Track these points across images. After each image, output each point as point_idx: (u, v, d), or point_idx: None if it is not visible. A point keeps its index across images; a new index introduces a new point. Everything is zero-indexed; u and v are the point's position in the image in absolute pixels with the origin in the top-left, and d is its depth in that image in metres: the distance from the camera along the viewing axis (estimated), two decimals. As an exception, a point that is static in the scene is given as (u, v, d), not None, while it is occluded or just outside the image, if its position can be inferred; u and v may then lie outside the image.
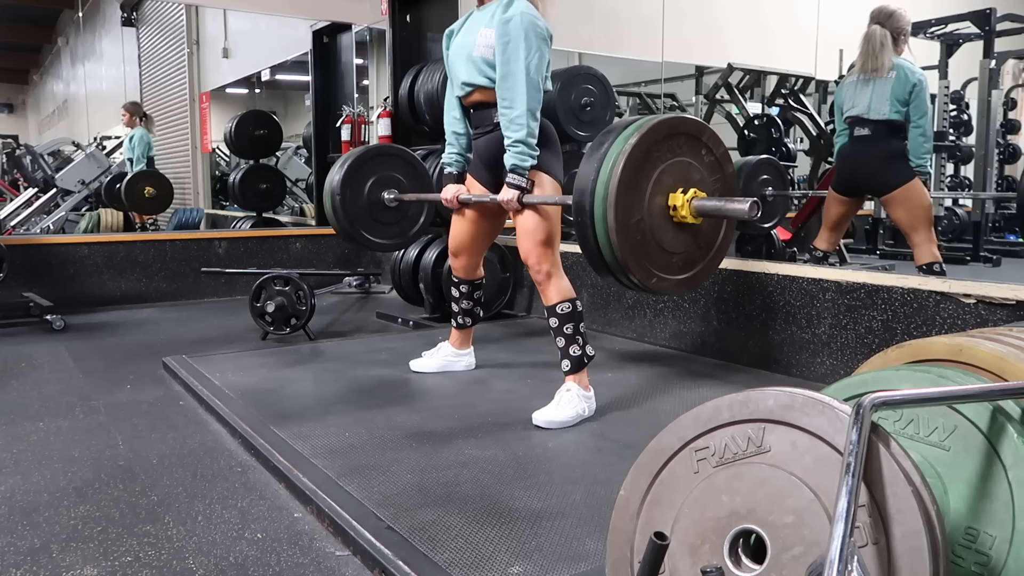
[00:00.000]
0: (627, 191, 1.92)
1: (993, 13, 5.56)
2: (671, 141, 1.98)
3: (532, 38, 2.41)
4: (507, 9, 2.47)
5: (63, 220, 7.15)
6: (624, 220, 1.93)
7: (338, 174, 3.09)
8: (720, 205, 1.93)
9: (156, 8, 10.22)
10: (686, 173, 2.02)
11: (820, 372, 2.95)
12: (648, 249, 1.98)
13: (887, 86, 3.50)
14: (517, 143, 2.44)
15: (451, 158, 2.80)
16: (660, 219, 2.00)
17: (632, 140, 1.91)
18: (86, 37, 12.45)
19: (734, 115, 6.19)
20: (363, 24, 5.47)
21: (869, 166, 3.61)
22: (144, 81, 10.82)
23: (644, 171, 1.94)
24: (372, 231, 3.19)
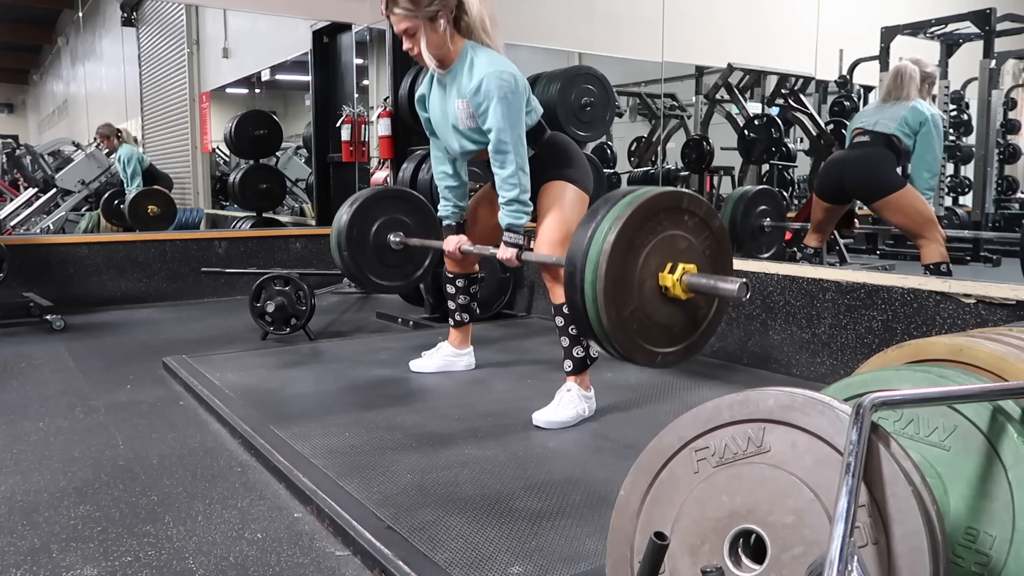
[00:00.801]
0: (615, 287, 1.91)
1: (993, 13, 5.56)
2: (650, 223, 1.96)
3: (506, 94, 2.38)
4: (471, 75, 2.45)
5: (63, 220, 7.15)
6: (618, 315, 1.93)
7: (344, 217, 3.12)
8: (711, 284, 1.91)
9: (156, 8, 10.22)
10: (672, 246, 1.99)
11: (820, 372, 2.95)
12: (647, 332, 1.97)
13: (900, 110, 3.61)
14: (511, 202, 2.46)
15: (447, 211, 2.80)
16: (654, 301, 1.99)
17: (612, 237, 1.89)
18: (86, 37, 12.45)
19: (734, 115, 6.20)
20: (363, 24, 5.47)
21: (856, 170, 3.64)
22: (144, 81, 10.82)
23: (630, 261, 1.93)
24: (378, 274, 3.21)
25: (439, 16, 2.41)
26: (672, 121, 7.50)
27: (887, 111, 3.66)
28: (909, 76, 3.64)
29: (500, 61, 2.44)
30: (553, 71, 4.27)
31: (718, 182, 7.42)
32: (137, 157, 7.03)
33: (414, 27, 2.42)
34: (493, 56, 2.46)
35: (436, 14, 2.41)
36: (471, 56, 2.46)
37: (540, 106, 2.58)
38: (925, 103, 3.64)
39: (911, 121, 3.57)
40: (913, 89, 3.62)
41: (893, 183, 3.53)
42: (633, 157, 7.62)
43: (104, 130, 7.05)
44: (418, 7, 2.39)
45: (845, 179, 3.71)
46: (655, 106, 7.36)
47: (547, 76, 4.25)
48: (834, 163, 3.85)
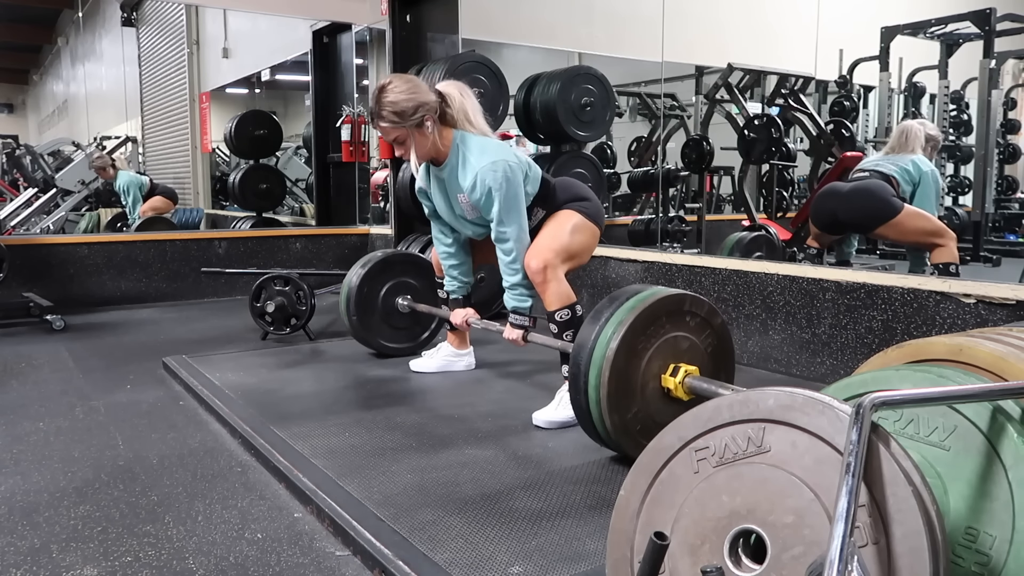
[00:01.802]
0: (618, 394, 1.95)
1: (993, 13, 5.56)
2: (653, 327, 1.99)
3: (499, 186, 2.42)
4: (464, 172, 2.49)
5: (63, 220, 7.14)
6: (621, 420, 1.97)
7: (356, 276, 3.19)
8: (712, 389, 1.94)
9: (156, 8, 10.22)
10: (674, 347, 2.03)
11: (820, 372, 2.95)
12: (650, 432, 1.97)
13: (901, 160, 3.75)
14: (515, 286, 2.53)
15: (453, 287, 2.85)
16: (656, 402, 2.03)
17: (614, 345, 1.93)
18: (86, 37, 12.45)
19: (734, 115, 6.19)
20: (363, 24, 5.46)
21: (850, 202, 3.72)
22: (144, 81, 10.81)
23: (632, 366, 1.97)
24: (386, 338, 3.28)
25: (425, 120, 2.46)
26: (672, 121, 7.50)
27: (889, 159, 3.80)
28: (914, 135, 3.80)
29: (490, 150, 2.48)
30: (553, 71, 4.27)
31: (718, 182, 7.42)
32: (137, 183, 6.99)
33: (403, 136, 2.48)
34: (483, 145, 2.50)
35: (422, 120, 2.45)
36: (462, 151, 2.50)
37: (538, 169, 2.60)
38: (926, 159, 3.79)
39: (912, 171, 3.71)
40: (918, 146, 3.78)
41: (890, 208, 3.58)
42: (633, 157, 7.62)
43: (98, 163, 6.97)
44: (404, 118, 2.44)
45: (839, 211, 3.79)
46: (655, 106, 7.35)
47: (547, 76, 4.25)
48: (828, 194, 3.90)
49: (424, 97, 2.46)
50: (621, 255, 3.77)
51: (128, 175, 7.01)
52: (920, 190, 3.69)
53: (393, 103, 2.43)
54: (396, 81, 2.47)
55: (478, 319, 2.81)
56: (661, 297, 2.02)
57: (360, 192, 5.77)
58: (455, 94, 2.52)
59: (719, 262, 3.33)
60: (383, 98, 2.45)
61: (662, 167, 7.07)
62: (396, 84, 2.46)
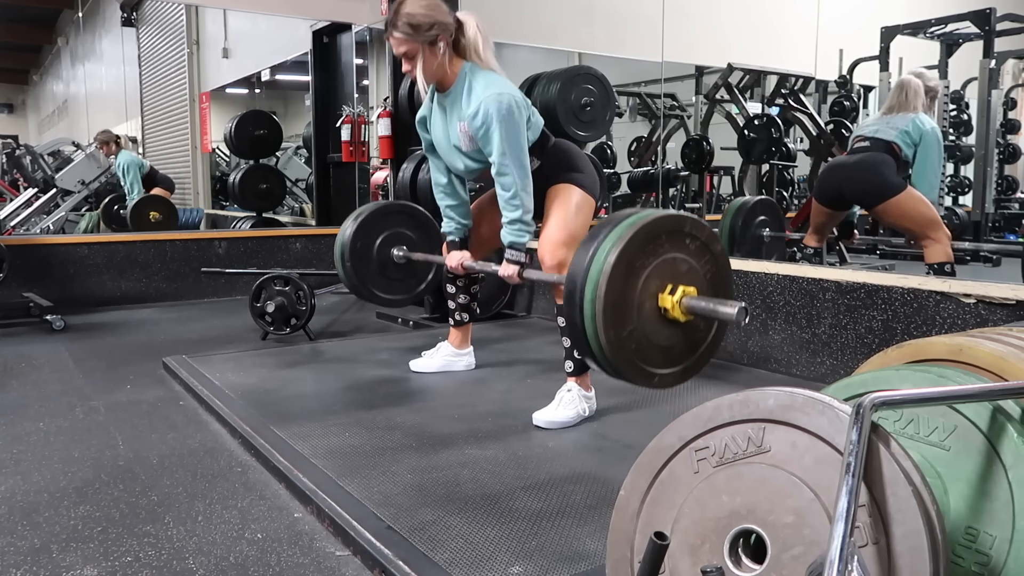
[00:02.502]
0: (614, 308, 1.91)
1: (993, 13, 5.56)
2: (653, 244, 1.96)
3: (503, 118, 2.39)
4: (469, 99, 2.46)
5: (63, 220, 7.14)
6: (617, 336, 1.92)
7: (349, 229, 3.13)
8: (710, 308, 1.91)
9: (156, 8, 10.22)
10: (673, 268, 1.99)
11: (820, 372, 2.95)
12: (645, 352, 1.97)
13: (901, 122, 3.65)
14: (514, 221, 2.47)
15: (451, 227, 2.81)
16: (653, 322, 1.98)
17: (612, 257, 1.89)
18: (86, 37, 12.45)
19: (734, 115, 6.19)
20: (363, 24, 5.46)
21: (855, 175, 3.66)
22: (144, 81, 10.82)
23: (630, 283, 1.93)
24: (381, 288, 3.23)
25: (438, 40, 2.43)
26: (672, 121, 7.50)
27: (889, 121, 3.70)
28: (913, 90, 3.69)
29: (498, 83, 2.45)
30: (553, 71, 4.27)
31: (718, 182, 7.42)
32: (137, 163, 7.02)
33: (413, 51, 2.44)
34: (491, 78, 2.47)
35: (436, 38, 2.43)
36: (469, 79, 2.48)
37: (541, 118, 2.59)
38: (927, 117, 3.70)
39: (912, 132, 3.62)
40: (918, 102, 3.68)
41: (893, 186, 3.53)
42: (633, 157, 7.62)
43: (102, 136, 7.03)
44: (418, 32, 2.41)
45: (844, 184, 3.73)
46: (655, 106, 7.36)
47: (547, 76, 4.24)
48: (833, 168, 3.87)
49: (442, 16, 2.44)
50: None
51: (129, 155, 7.05)
52: (921, 149, 3.61)
53: (410, 15, 2.41)
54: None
55: (472, 261, 2.76)
56: (661, 215, 1.97)
57: (360, 192, 5.76)
58: (472, 25, 2.50)
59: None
60: (401, 8, 2.42)
61: (662, 167, 7.08)
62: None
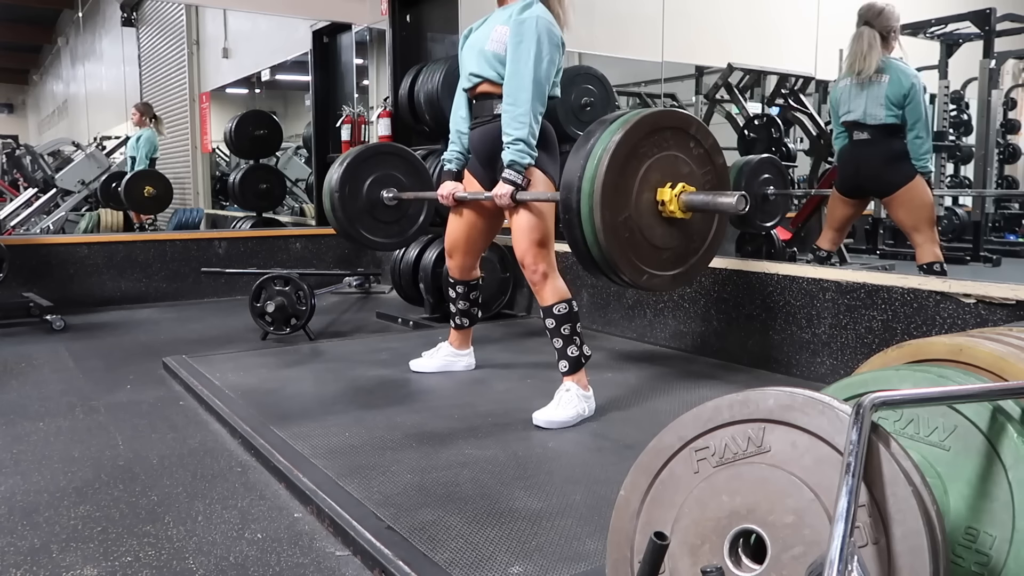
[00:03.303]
0: (613, 189, 1.87)
1: (993, 13, 5.56)
2: (657, 136, 1.92)
3: (544, 42, 2.42)
4: (524, 11, 2.48)
5: (63, 220, 7.15)
6: (611, 218, 1.88)
7: (337, 172, 3.08)
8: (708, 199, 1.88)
9: (156, 8, 10.22)
10: (674, 167, 1.96)
11: (820, 372, 2.95)
12: (637, 246, 1.93)
13: (881, 90, 3.45)
14: (517, 140, 2.44)
15: (452, 154, 2.80)
16: (649, 215, 1.95)
17: (617, 136, 1.85)
18: (86, 37, 12.45)
19: (734, 115, 6.19)
20: (363, 24, 5.46)
21: (871, 168, 3.59)
22: (144, 81, 10.81)
23: (630, 168, 1.89)
24: (371, 230, 3.18)
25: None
26: (672, 121, 7.49)
27: (869, 94, 3.48)
28: (868, 44, 3.40)
29: (552, 21, 2.48)
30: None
31: (718, 182, 7.42)
32: (154, 143, 7.07)
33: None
34: (550, 15, 2.50)
35: None
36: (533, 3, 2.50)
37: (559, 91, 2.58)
38: (899, 65, 3.44)
39: (895, 98, 3.42)
40: (876, 58, 3.39)
41: (905, 175, 3.45)
42: (633, 157, 7.61)
43: (142, 107, 7.13)
44: None
45: (861, 177, 3.60)
46: (655, 106, 7.35)
47: (547, 76, 4.24)
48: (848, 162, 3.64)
49: None
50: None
51: (153, 134, 7.07)
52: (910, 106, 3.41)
53: None
54: None
55: (465, 192, 2.74)
56: (670, 110, 1.98)
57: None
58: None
59: (719, 262, 3.33)
60: None
61: (662, 167, 7.06)
62: None
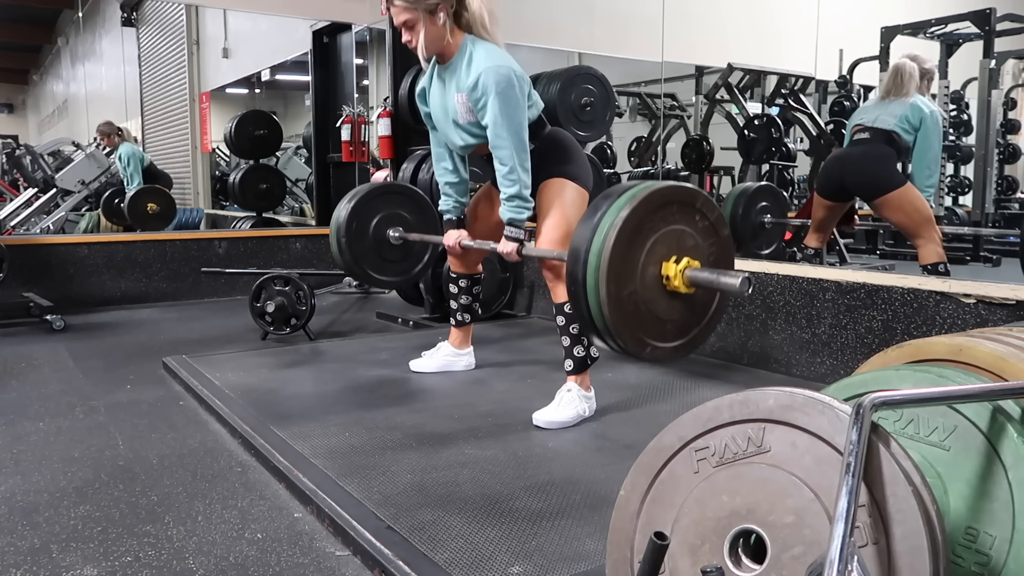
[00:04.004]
0: (620, 264, 1.91)
1: (993, 13, 5.56)
2: (663, 211, 1.97)
3: (502, 90, 2.38)
4: (469, 70, 2.45)
5: (63, 220, 7.14)
6: (617, 293, 1.92)
7: (344, 211, 3.11)
8: (713, 278, 1.91)
9: (156, 8, 10.22)
10: (680, 240, 2.01)
11: (820, 372, 2.95)
12: (641, 319, 1.97)
13: (900, 107, 3.62)
14: (512, 197, 2.45)
15: (448, 206, 2.80)
16: (653, 289, 1.99)
17: (624, 213, 1.90)
18: (86, 37, 12.44)
19: (734, 115, 6.20)
20: (363, 24, 5.47)
21: (858, 166, 3.64)
22: (144, 81, 10.81)
23: (636, 243, 1.94)
24: (377, 269, 3.20)
25: (439, 9, 2.42)
26: (672, 121, 7.50)
27: (887, 108, 3.67)
28: (908, 74, 3.66)
29: (499, 56, 2.44)
30: (553, 71, 4.27)
31: (718, 182, 7.42)
32: (138, 156, 7.02)
33: (414, 19, 2.43)
34: (492, 51, 2.45)
35: (436, 7, 2.42)
36: (470, 50, 2.47)
37: (541, 101, 2.58)
38: (925, 99, 3.66)
39: (911, 118, 3.58)
40: (912, 86, 3.65)
41: (894, 180, 3.53)
42: (633, 157, 7.62)
43: (105, 128, 7.03)
44: (418, 1, 2.40)
45: (846, 176, 3.71)
46: (655, 106, 7.36)
47: (547, 76, 4.24)
48: (834, 160, 3.86)
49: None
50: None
51: (131, 146, 7.03)
52: (921, 134, 3.59)
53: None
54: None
55: (470, 240, 2.75)
56: (676, 185, 2.01)
57: (360, 192, 5.76)
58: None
59: (719, 262, 3.33)
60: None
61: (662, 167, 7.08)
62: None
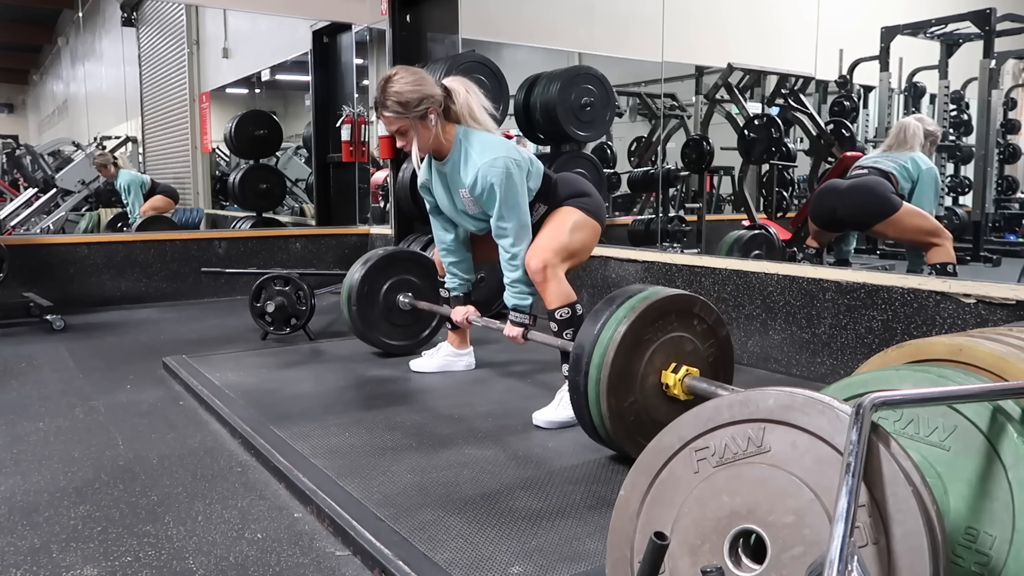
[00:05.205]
0: (619, 376, 1.96)
1: (993, 13, 5.56)
2: (662, 320, 2.01)
3: (500, 183, 2.42)
4: (466, 168, 2.49)
5: (63, 220, 7.14)
6: (618, 404, 1.97)
7: (358, 273, 3.20)
8: (711, 390, 1.95)
9: (156, 8, 10.22)
10: (679, 347, 2.05)
11: (820, 372, 2.95)
12: (642, 426, 2.02)
13: (901, 157, 3.72)
14: (516, 283, 2.53)
15: (454, 284, 2.85)
16: (654, 397, 2.04)
17: (623, 327, 1.94)
18: (86, 37, 12.44)
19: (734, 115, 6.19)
20: (363, 24, 5.46)
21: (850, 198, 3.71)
22: (144, 81, 10.81)
23: (636, 354, 1.98)
24: (388, 335, 3.29)
25: (429, 113, 2.47)
26: (672, 121, 7.50)
27: (888, 156, 3.78)
28: (912, 132, 3.78)
29: (493, 147, 2.48)
30: (553, 71, 4.27)
31: (718, 182, 7.43)
32: (138, 182, 6.98)
33: (405, 127, 2.48)
34: (485, 142, 2.49)
35: (426, 112, 2.46)
36: (465, 147, 2.51)
37: (540, 164, 2.61)
38: (925, 156, 3.77)
39: (911, 168, 3.69)
40: (916, 143, 3.76)
41: (888, 205, 3.57)
42: (633, 157, 7.62)
43: (100, 160, 6.98)
44: (407, 109, 2.44)
45: (838, 207, 3.78)
46: (655, 106, 7.35)
47: (547, 76, 4.25)
48: (827, 191, 3.90)
49: (429, 90, 2.46)
50: (621, 255, 3.77)
51: (129, 174, 7.01)
52: (919, 188, 3.67)
53: (398, 93, 2.44)
54: (402, 72, 2.48)
55: (479, 316, 2.81)
56: (674, 294, 2.05)
57: (360, 192, 5.77)
58: (460, 90, 2.53)
59: (719, 262, 3.33)
60: (388, 88, 2.45)
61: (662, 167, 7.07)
62: (402, 75, 2.47)
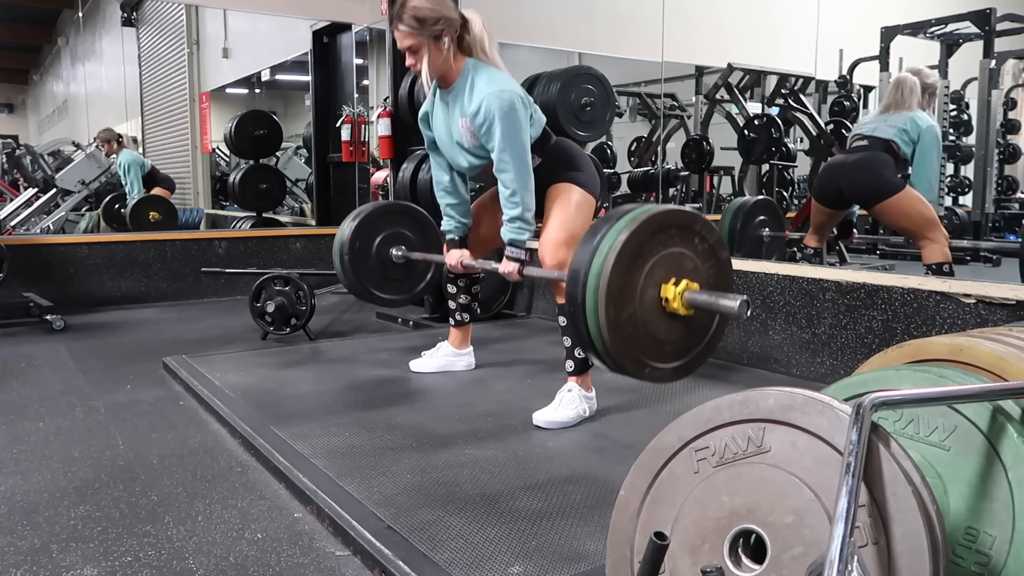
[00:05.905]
0: (619, 286, 1.92)
1: (993, 13, 5.56)
2: (663, 234, 1.99)
3: (504, 115, 2.39)
4: (471, 96, 2.46)
5: (63, 220, 7.14)
6: (616, 316, 1.93)
7: (348, 229, 3.14)
8: (711, 300, 1.93)
9: (156, 8, 10.22)
10: (679, 263, 2.02)
11: (820, 372, 2.95)
12: (640, 341, 1.99)
13: (899, 120, 3.65)
14: (515, 219, 2.47)
15: (450, 226, 2.81)
16: (652, 311, 2.00)
17: (623, 236, 1.91)
18: (86, 37, 12.44)
19: (734, 115, 6.20)
20: (363, 24, 5.47)
21: (854, 174, 3.66)
22: (144, 81, 10.82)
23: (636, 265, 1.95)
24: (380, 287, 3.23)
25: (443, 35, 2.44)
26: (672, 121, 7.51)
27: (887, 120, 3.70)
28: (910, 88, 3.69)
29: (500, 80, 2.45)
30: (553, 71, 4.26)
31: (718, 182, 7.43)
32: (138, 163, 7.02)
33: (418, 44, 2.44)
34: (493, 75, 2.47)
35: (441, 33, 2.43)
36: (472, 76, 2.48)
37: (543, 115, 2.59)
38: (924, 114, 3.70)
39: (910, 130, 3.62)
40: (914, 100, 3.68)
41: (892, 186, 3.54)
42: (633, 157, 7.62)
43: (104, 135, 7.03)
44: (423, 26, 2.41)
45: (843, 183, 3.73)
46: (655, 106, 7.36)
47: (547, 76, 4.24)
48: (832, 168, 3.88)
49: (447, 12, 2.45)
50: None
51: (131, 154, 7.04)
52: (920, 147, 3.62)
53: (416, 8, 2.41)
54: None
55: (472, 259, 2.76)
56: (676, 209, 2.04)
57: (360, 192, 5.77)
58: (477, 22, 2.51)
59: (719, 262, 3.33)
60: (407, 2, 2.42)
61: (662, 167, 7.08)
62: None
